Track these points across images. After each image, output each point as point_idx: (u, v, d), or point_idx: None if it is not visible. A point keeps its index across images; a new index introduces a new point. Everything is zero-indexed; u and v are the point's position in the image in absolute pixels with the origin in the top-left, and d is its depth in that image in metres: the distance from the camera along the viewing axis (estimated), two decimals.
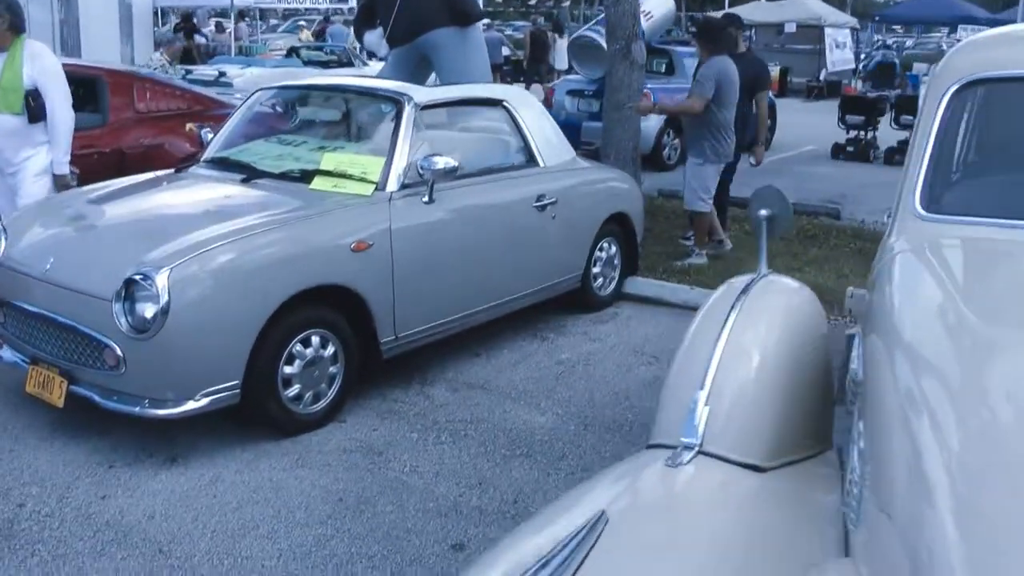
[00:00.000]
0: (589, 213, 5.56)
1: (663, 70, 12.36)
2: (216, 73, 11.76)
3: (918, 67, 22.41)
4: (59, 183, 5.03)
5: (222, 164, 4.78)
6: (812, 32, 22.48)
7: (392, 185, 4.34)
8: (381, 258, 4.16)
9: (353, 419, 4.19)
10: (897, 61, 20.16)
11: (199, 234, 3.75)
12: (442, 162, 4.26)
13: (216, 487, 3.60)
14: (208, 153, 4.99)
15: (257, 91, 5.25)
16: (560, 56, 21.87)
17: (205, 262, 3.61)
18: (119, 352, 3.58)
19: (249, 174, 4.52)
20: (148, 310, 3.52)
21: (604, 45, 11.38)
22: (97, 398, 3.73)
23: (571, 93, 11.67)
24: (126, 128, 6.17)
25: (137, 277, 3.54)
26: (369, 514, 3.44)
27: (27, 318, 3.93)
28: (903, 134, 12.64)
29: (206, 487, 3.60)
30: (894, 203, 2.78)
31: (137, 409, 3.65)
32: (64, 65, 5.21)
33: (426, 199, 4.38)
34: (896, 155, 12.37)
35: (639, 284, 6.19)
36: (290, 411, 3.93)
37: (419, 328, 4.45)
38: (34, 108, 4.93)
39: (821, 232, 8.16)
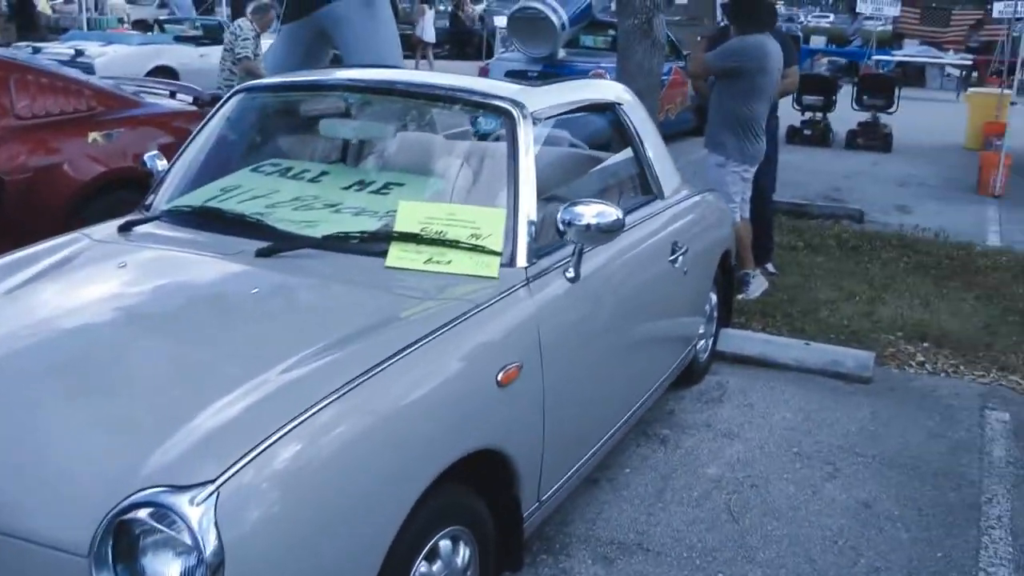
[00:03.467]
0: (708, 258, 3.98)
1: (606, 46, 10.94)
2: (71, 52, 9.28)
3: (815, 40, 22.04)
4: None
5: (203, 218, 2.83)
6: (705, 3, 21.46)
7: (522, 258, 2.61)
8: (531, 387, 2.45)
9: None
10: (800, 34, 19.54)
11: (235, 397, 1.93)
12: (591, 214, 2.57)
13: None
14: (166, 196, 3.02)
15: (236, 91, 3.25)
16: (427, 28, 20.10)
17: (269, 465, 1.79)
18: None
19: (267, 238, 2.61)
20: (171, 572, 1.71)
21: (553, 19, 9.90)
22: None
23: (511, 75, 9.82)
24: (3, 141, 4.05)
25: (141, 514, 1.71)
26: None
27: None
28: (864, 115, 11.70)
29: None
30: None
31: None
32: None
33: (570, 274, 2.69)
34: (859, 138, 11.39)
35: (734, 339, 4.68)
36: None
37: (562, 480, 2.77)
38: None
39: (864, 242, 6.92)
